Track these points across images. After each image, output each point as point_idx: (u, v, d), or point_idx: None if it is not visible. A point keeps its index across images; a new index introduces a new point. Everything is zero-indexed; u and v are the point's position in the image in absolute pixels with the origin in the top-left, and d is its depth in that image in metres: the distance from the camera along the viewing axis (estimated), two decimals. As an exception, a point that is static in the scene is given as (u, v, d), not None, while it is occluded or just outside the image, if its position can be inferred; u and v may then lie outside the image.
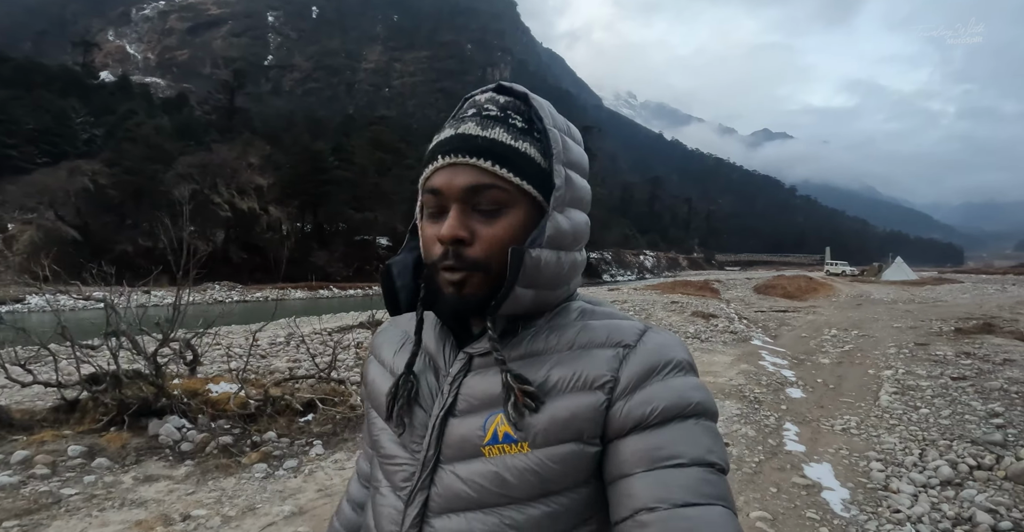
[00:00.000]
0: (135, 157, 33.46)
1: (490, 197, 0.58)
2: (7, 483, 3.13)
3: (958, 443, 4.18)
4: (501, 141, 0.59)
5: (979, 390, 5.77)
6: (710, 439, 0.56)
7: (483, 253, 0.58)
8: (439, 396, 0.64)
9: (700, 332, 10.01)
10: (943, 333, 10.21)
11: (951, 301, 20.27)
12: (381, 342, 0.76)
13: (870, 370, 6.98)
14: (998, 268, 78.66)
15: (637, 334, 0.61)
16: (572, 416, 0.57)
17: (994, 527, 2.96)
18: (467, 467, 0.60)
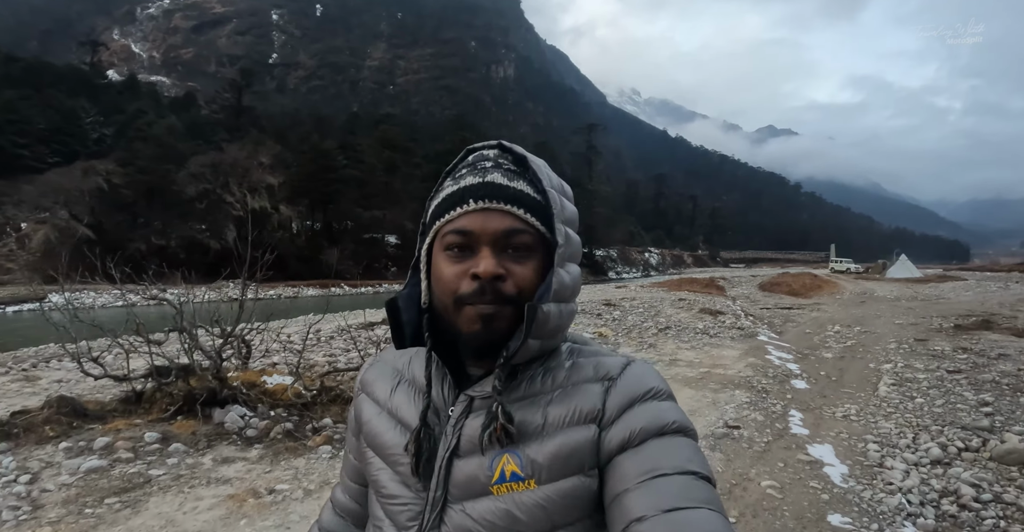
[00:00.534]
0: (147, 157, 33.95)
1: (520, 241, 0.64)
2: (97, 466, 3.49)
3: (949, 428, 4.57)
4: (527, 193, 0.65)
5: (972, 382, 6.16)
6: (689, 451, 0.60)
7: (515, 289, 0.63)
8: (443, 438, 0.67)
9: (708, 328, 10.40)
10: (943, 329, 10.57)
11: (954, 298, 20.55)
12: (372, 379, 0.80)
13: (871, 364, 7.36)
14: (1003, 265, 78.53)
15: (620, 367, 0.67)
16: (572, 451, 0.62)
17: (976, 498, 3.35)
18: (476, 505, 0.63)
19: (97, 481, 3.33)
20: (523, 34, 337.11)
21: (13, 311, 19.62)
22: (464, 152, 0.69)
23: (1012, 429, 4.49)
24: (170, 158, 33.71)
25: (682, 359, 7.37)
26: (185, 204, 32.42)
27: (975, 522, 3.11)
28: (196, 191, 31.23)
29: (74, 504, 3.02)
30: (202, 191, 31.35)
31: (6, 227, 35.03)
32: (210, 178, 31.69)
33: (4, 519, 2.83)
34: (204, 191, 31.31)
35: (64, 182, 32.94)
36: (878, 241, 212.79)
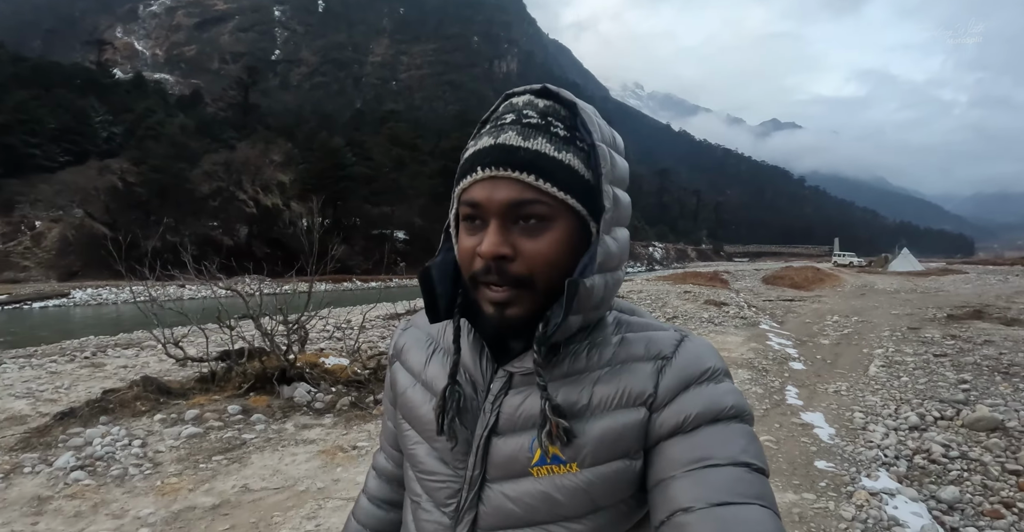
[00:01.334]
0: (161, 155, 34.57)
1: (533, 212, 0.57)
2: (195, 432, 4.07)
3: (928, 402, 5.16)
4: (544, 153, 0.57)
5: (955, 364, 6.74)
6: (745, 440, 0.56)
7: (527, 269, 0.57)
8: (481, 415, 0.64)
9: (713, 318, 11.00)
10: (936, 319, 11.13)
11: (952, 291, 21.04)
12: (406, 345, 0.77)
13: (864, 349, 7.95)
14: (1007, 259, 78.83)
15: (674, 344, 0.62)
16: (619, 436, 0.59)
17: (945, 454, 3.94)
18: (515, 486, 0.61)
19: (199, 444, 3.92)
20: (525, 28, 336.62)
21: (40, 307, 20.21)
22: (502, 97, 0.64)
23: (984, 402, 5.08)
24: (183, 157, 34.36)
25: (690, 345, 7.99)
26: (199, 202, 33.08)
27: (942, 473, 3.70)
28: (210, 189, 31.89)
29: (187, 461, 3.62)
30: (216, 189, 32.01)
31: (20, 225, 35.73)
32: (223, 176, 32.33)
33: (132, 474, 3.40)
34: (218, 189, 31.98)
35: (79, 181, 33.63)
36: (882, 235, 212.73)
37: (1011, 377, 6.01)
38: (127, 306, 21.26)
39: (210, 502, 3.01)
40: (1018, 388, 5.55)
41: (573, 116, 0.60)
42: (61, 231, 35.27)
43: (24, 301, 20.33)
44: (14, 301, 20.20)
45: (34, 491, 3.16)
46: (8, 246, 34.75)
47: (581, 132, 0.59)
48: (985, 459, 3.89)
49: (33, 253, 35.02)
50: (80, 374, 6.58)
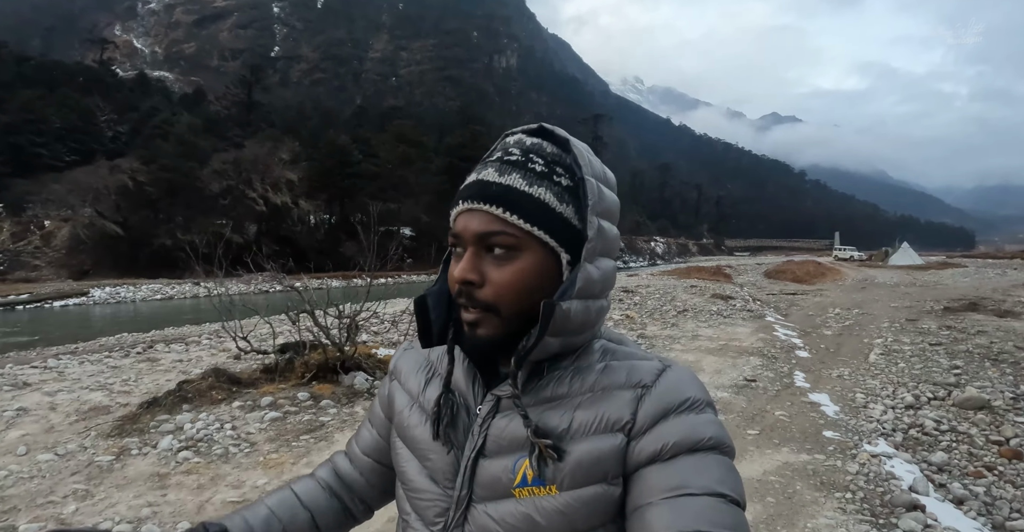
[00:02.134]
0: (170, 154, 35.00)
1: (499, 242, 0.60)
2: (276, 416, 4.52)
3: (923, 384, 5.69)
4: (515, 188, 0.61)
5: (949, 352, 7.27)
6: (721, 471, 0.57)
7: (492, 296, 0.61)
8: (470, 437, 0.66)
9: (721, 310, 11.54)
10: (933, 311, 11.66)
11: (951, 284, 21.56)
12: (404, 368, 0.80)
13: (864, 339, 8.48)
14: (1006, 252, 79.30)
15: (655, 374, 0.64)
16: (596, 460, 0.60)
17: (936, 428, 4.48)
18: (498, 507, 0.63)
19: (283, 426, 4.40)
20: (525, 23, 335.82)
21: (60, 306, 20.71)
22: (501, 136, 0.69)
23: (973, 384, 5.61)
24: (192, 155, 34.82)
25: (702, 335, 8.54)
26: (209, 200, 33.59)
27: (933, 442, 4.24)
28: (220, 187, 32.39)
29: (278, 441, 4.09)
30: (226, 187, 32.52)
31: (30, 225, 36.18)
32: (232, 174, 32.85)
33: (233, 452, 3.87)
34: (228, 187, 32.48)
35: (90, 180, 34.07)
36: (883, 228, 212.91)
37: (999, 363, 6.55)
38: (144, 303, 21.85)
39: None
40: (1005, 373, 6.09)
41: (565, 153, 0.64)
42: (71, 230, 35.66)
43: (45, 300, 20.86)
44: (35, 300, 20.72)
45: (150, 469, 3.59)
46: (18, 246, 35.17)
47: (562, 168, 0.63)
48: (971, 432, 4.43)
49: (43, 252, 35.38)
50: (140, 368, 7.10)
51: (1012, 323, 9.74)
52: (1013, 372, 6.10)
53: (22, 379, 6.07)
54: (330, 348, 5.58)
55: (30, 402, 5.14)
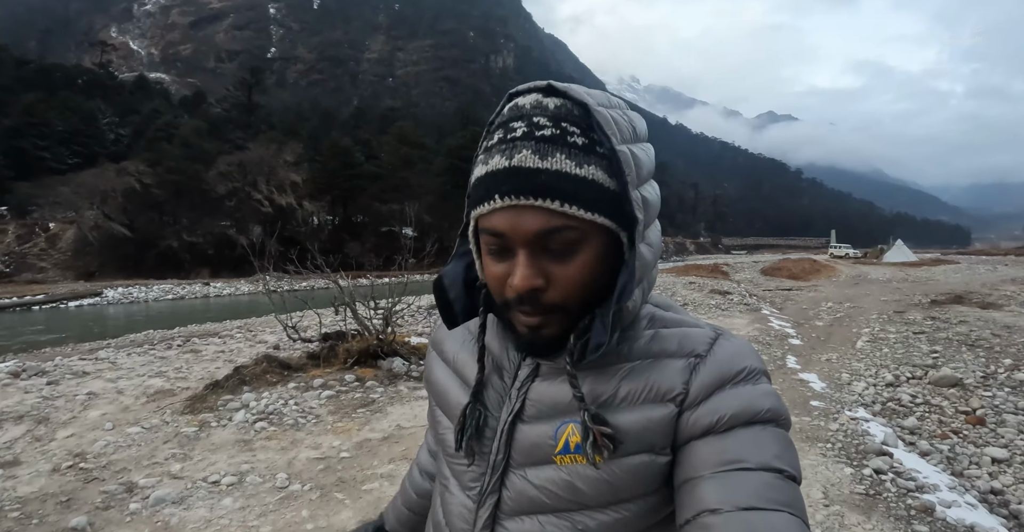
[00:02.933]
0: (176, 157, 35.53)
1: (564, 239, 0.54)
2: (330, 394, 5.03)
3: (903, 367, 6.29)
4: (566, 173, 0.53)
5: (930, 339, 7.87)
6: (779, 446, 0.55)
7: (560, 296, 0.56)
8: (507, 401, 0.64)
9: (720, 304, 12.16)
10: (920, 304, 12.27)
11: (942, 280, 22.15)
12: (443, 337, 0.77)
13: (853, 329, 9.09)
14: (1000, 249, 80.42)
15: (708, 343, 0.61)
16: (644, 429, 0.57)
17: (911, 401, 5.07)
18: (538, 473, 0.61)
19: (339, 402, 4.94)
20: (521, 23, 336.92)
21: (75, 306, 21.21)
22: (506, 98, 0.59)
23: (948, 365, 6.22)
24: (198, 158, 35.36)
25: (702, 326, 9.17)
26: (215, 202, 34.13)
27: (907, 411, 4.83)
28: (227, 189, 32.95)
29: (339, 413, 4.64)
30: (232, 189, 33.07)
31: (35, 227, 36.61)
32: (237, 177, 33.41)
33: (303, 423, 4.41)
34: (234, 189, 33.03)
35: (97, 183, 34.58)
36: (879, 227, 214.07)
37: (975, 348, 7.15)
38: (156, 303, 22.36)
39: (378, 436, 4.12)
40: (979, 356, 6.69)
41: (587, 115, 0.55)
42: (76, 232, 36.08)
43: (60, 300, 21.36)
44: (51, 300, 21.24)
45: (234, 437, 4.12)
46: (24, 248, 35.55)
47: (596, 133, 0.55)
48: (943, 404, 5.03)
49: (49, 254, 35.77)
50: (186, 358, 7.66)
51: (993, 314, 10.36)
52: (986, 355, 6.70)
53: (79, 368, 6.62)
54: (369, 336, 6.16)
55: (96, 387, 5.70)
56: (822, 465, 3.38)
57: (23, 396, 5.22)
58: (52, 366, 6.76)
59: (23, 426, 4.34)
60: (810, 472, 3.24)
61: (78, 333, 13.32)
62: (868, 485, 3.13)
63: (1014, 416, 4.66)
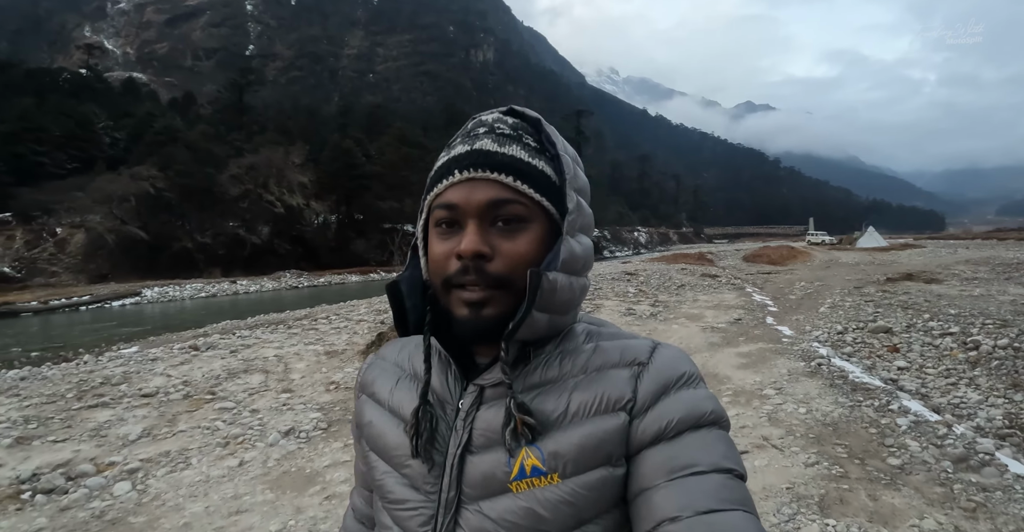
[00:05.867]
0: (186, 161, 36.93)
1: (511, 212, 0.58)
2: None
3: (851, 322, 8.57)
4: (520, 158, 0.59)
5: (876, 305, 10.15)
6: (725, 446, 0.57)
7: (505, 269, 0.58)
8: (453, 433, 0.63)
9: (711, 285, 14.48)
10: (877, 281, 14.61)
11: (905, 262, 24.63)
12: (372, 379, 0.75)
13: (819, 300, 11.38)
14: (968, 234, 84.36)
15: (648, 351, 0.63)
16: (600, 441, 0.58)
17: (853, 341, 7.32)
18: (494, 505, 0.59)
19: None
20: (500, 17, 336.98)
21: (118, 305, 22.91)
22: (469, 119, 0.65)
23: (884, 320, 8.51)
24: (207, 161, 36.83)
25: (700, 300, 11.46)
26: (226, 203, 35.77)
27: (848, 346, 7.08)
28: (238, 191, 34.63)
29: None
30: (244, 191, 34.76)
31: (42, 232, 37.82)
32: (248, 179, 35.09)
33: None
34: (245, 191, 34.73)
35: (114, 188, 35.94)
36: (856, 213, 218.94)
37: (908, 309, 9.45)
38: (192, 301, 24.08)
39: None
40: (908, 314, 9.00)
41: (538, 132, 0.64)
42: (86, 236, 37.32)
43: (104, 300, 23.05)
44: (96, 301, 22.93)
45: None
46: (33, 253, 36.72)
47: (547, 146, 0.63)
48: (873, 342, 7.28)
49: (59, 258, 36.93)
50: (317, 332, 9.43)
51: (933, 287, 12.74)
52: (914, 313, 9.00)
53: (238, 344, 8.60)
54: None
55: (271, 354, 7.69)
56: (786, 363, 5.65)
57: (223, 362, 7.21)
58: (211, 344, 8.71)
59: (257, 376, 6.38)
60: (781, 367, 5.50)
61: (153, 327, 15.11)
62: (812, 369, 5.41)
63: (920, 347, 6.94)
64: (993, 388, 5.28)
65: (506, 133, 0.62)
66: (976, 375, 5.68)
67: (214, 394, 5.49)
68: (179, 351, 7.97)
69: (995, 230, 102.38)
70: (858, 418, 3.99)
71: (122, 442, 4.32)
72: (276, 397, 5.42)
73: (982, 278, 14.66)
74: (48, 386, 6.22)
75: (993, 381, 5.49)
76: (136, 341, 11.36)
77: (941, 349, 6.69)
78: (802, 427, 3.84)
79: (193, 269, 36.34)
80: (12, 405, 5.47)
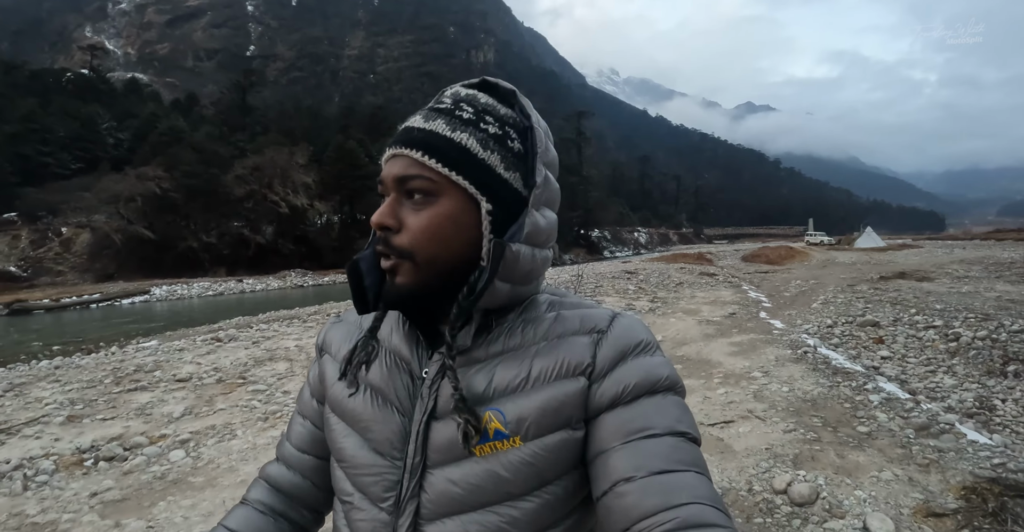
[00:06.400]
0: (191, 161, 37.36)
1: (415, 186, 0.60)
2: None
3: (841, 317, 8.98)
4: (436, 132, 0.60)
5: (867, 301, 10.56)
6: (679, 411, 0.60)
7: (408, 242, 0.60)
8: (419, 400, 0.64)
9: (708, 283, 14.92)
10: (870, 279, 15.03)
11: (901, 262, 24.93)
12: (333, 339, 0.77)
13: (812, 297, 11.79)
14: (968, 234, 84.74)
15: (608, 319, 0.66)
16: (561, 404, 0.60)
17: (842, 334, 7.74)
18: (459, 469, 0.61)
19: None
20: (501, 17, 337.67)
21: (128, 303, 23.35)
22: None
23: (872, 314, 8.92)
24: (212, 162, 37.26)
25: (698, 296, 11.90)
26: (230, 204, 36.19)
27: (839, 341, 7.49)
28: (244, 192, 35.05)
29: None
30: (249, 192, 35.18)
31: (47, 232, 38.24)
32: (253, 180, 35.51)
33: None
34: (251, 192, 35.15)
35: (121, 188, 36.36)
36: (856, 214, 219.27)
37: (896, 305, 9.86)
38: (201, 299, 24.48)
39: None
40: (896, 309, 9.41)
41: (503, 105, 0.65)
42: (91, 236, 37.74)
43: (115, 298, 23.51)
44: (106, 299, 23.38)
45: None
46: (38, 252, 37.14)
47: (493, 118, 0.63)
48: (860, 335, 7.69)
49: (65, 258, 37.35)
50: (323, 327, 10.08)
51: (923, 284, 13.14)
52: (902, 309, 9.41)
53: (257, 336, 9.03)
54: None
55: (290, 345, 8.08)
56: (774, 351, 6.08)
57: (247, 352, 7.64)
58: (232, 336, 9.15)
59: (282, 364, 6.80)
60: (769, 354, 5.92)
61: (166, 323, 15.48)
62: (798, 356, 5.83)
63: (904, 339, 7.34)
64: (968, 375, 5.69)
65: (440, 108, 0.63)
66: (954, 363, 6.09)
67: (245, 379, 5.90)
68: (202, 342, 8.41)
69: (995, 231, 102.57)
70: (835, 396, 4.41)
71: (167, 419, 4.74)
72: (304, 381, 5.80)
73: (973, 276, 15.04)
74: (84, 373, 6.66)
75: (969, 369, 5.90)
76: (153, 336, 11.78)
77: (924, 341, 7.09)
78: (783, 402, 4.27)
79: (198, 268, 36.82)
80: (55, 389, 5.91)
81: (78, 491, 3.48)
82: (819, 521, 2.51)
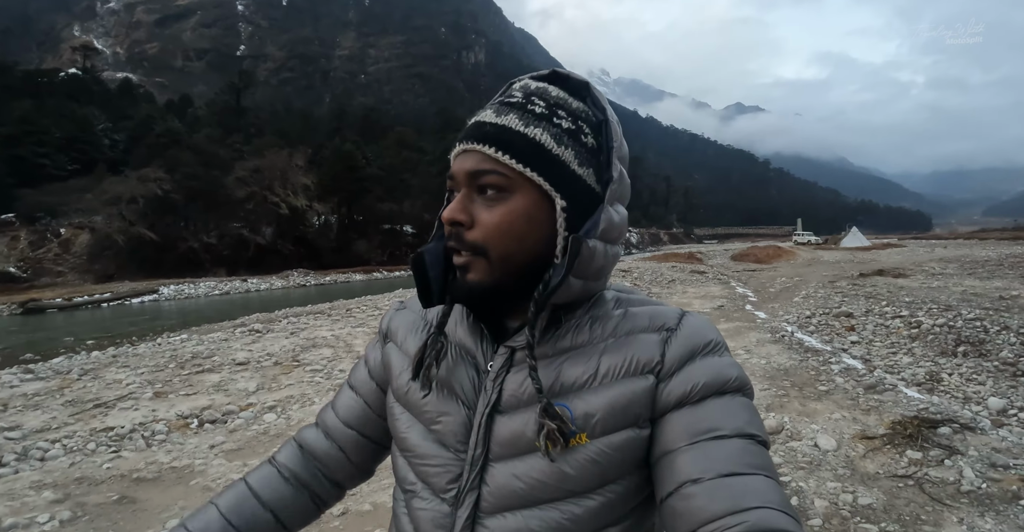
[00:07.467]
0: (192, 163, 37.87)
1: (489, 182, 0.59)
2: None
3: (819, 309, 9.93)
4: (509, 127, 0.59)
5: (845, 295, 11.53)
6: (748, 413, 0.58)
7: (481, 237, 0.59)
8: (483, 393, 0.64)
9: (699, 280, 15.91)
10: (850, 276, 16.01)
11: (884, 260, 25.95)
12: (399, 327, 0.76)
13: (795, 292, 12.77)
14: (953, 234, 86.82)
15: (677, 318, 0.64)
16: (629, 402, 0.59)
17: (817, 322, 8.68)
18: (523, 464, 0.60)
19: None
20: (492, 18, 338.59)
21: (138, 302, 23.90)
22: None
23: (847, 306, 9.89)
24: (213, 164, 37.84)
25: (689, 291, 12.89)
26: (231, 205, 36.84)
27: (815, 328, 8.44)
28: (244, 193, 35.74)
29: None
30: (249, 193, 35.86)
31: (46, 233, 38.61)
32: (253, 181, 36.19)
33: None
34: (251, 193, 35.83)
35: (122, 190, 36.88)
36: (844, 214, 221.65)
37: (870, 298, 10.83)
38: (208, 299, 25.15)
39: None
40: (869, 302, 10.38)
41: (575, 99, 0.64)
42: (91, 237, 38.13)
43: (124, 298, 24.10)
44: (116, 298, 23.96)
45: None
46: (38, 253, 37.49)
47: (566, 111, 0.62)
48: (834, 324, 8.64)
49: (64, 259, 37.68)
50: (351, 320, 10.70)
51: (899, 280, 14.14)
52: (874, 302, 10.38)
53: (292, 328, 9.81)
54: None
55: (327, 334, 8.88)
56: (756, 335, 7.03)
57: (289, 340, 8.44)
58: (268, 328, 9.94)
59: (326, 350, 7.64)
60: (752, 337, 6.86)
61: (183, 321, 16.11)
62: (777, 339, 6.78)
63: (873, 327, 8.30)
64: (924, 355, 6.64)
65: (511, 102, 0.63)
66: (914, 346, 7.03)
67: (299, 361, 6.75)
68: (241, 334, 9.23)
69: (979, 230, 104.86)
70: (805, 367, 5.35)
71: (244, 393, 5.58)
72: (353, 361, 6.68)
73: (947, 273, 16.04)
74: (146, 360, 7.46)
75: (926, 350, 6.84)
76: (181, 331, 12.53)
77: (890, 328, 8.03)
78: (761, 371, 5.20)
79: (199, 269, 37.34)
80: (128, 373, 6.72)
81: (198, 444, 4.32)
82: (783, 442, 3.43)
